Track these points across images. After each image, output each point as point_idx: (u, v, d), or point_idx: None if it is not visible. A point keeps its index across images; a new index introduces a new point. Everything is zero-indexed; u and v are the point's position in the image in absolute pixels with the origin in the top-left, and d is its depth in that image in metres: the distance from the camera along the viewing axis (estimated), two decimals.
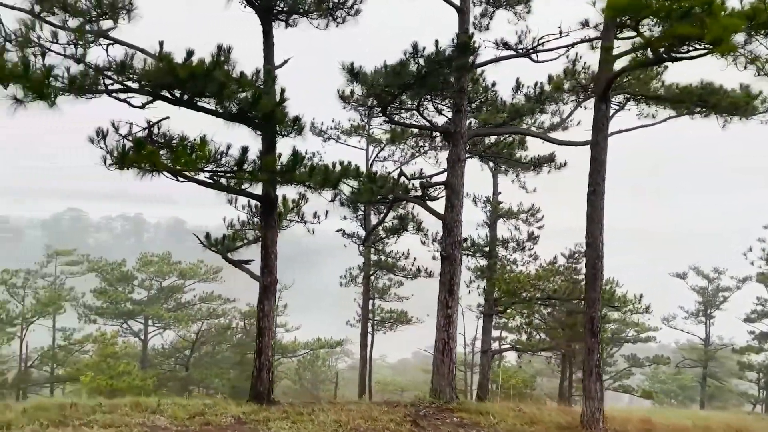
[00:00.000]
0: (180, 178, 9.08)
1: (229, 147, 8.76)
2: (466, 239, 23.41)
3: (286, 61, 10.85)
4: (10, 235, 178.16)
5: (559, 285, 23.10)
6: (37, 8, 8.74)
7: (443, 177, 14.26)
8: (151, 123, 8.65)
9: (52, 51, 8.46)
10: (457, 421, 10.06)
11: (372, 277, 25.78)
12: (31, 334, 35.04)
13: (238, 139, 9.48)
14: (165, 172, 8.29)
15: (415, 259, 25.97)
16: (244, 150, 8.65)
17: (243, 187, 10.43)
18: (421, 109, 12.72)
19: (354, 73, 10.00)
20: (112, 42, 9.45)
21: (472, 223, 24.76)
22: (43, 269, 38.89)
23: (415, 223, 18.53)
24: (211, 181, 10.02)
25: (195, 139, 8.73)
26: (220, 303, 40.43)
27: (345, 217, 24.44)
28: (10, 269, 34.55)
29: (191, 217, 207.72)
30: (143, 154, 7.42)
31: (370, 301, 26.05)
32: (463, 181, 12.36)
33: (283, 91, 8.80)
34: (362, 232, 25.50)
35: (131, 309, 38.47)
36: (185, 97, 8.94)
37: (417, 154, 21.81)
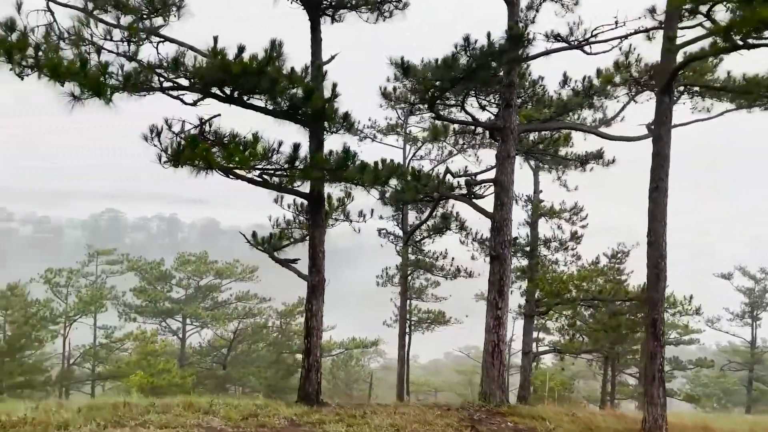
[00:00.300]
0: (231, 176, 8.97)
1: (280, 144, 8.60)
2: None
3: (333, 57, 10.64)
4: (51, 235, 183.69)
5: (603, 285, 22.49)
6: (90, 6, 8.72)
7: (488, 174, 13.93)
8: (203, 120, 8.54)
9: (105, 48, 8.44)
10: (512, 426, 9.72)
11: (408, 277, 25.48)
12: (73, 332, 35.81)
13: (284, 136, 9.36)
14: (217, 170, 8.15)
15: (453, 258, 25.62)
16: (296, 147, 8.48)
17: (292, 185, 10.30)
18: (466, 105, 12.40)
19: (404, 68, 9.74)
20: (162, 39, 9.39)
21: (513, 222, 24.29)
22: (84, 268, 39.68)
23: (459, 221, 18.18)
24: (259, 179, 9.90)
25: (245, 137, 8.61)
26: (256, 302, 40.72)
27: (381, 216, 24.28)
28: (53, 268, 35.34)
29: (224, 218, 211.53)
30: (197, 151, 7.29)
31: (407, 301, 25.74)
32: (513, 179, 12.00)
33: (334, 86, 8.61)
34: (399, 232, 25.27)
35: (170, 308, 39.02)
36: (236, 94, 8.83)
37: (455, 152, 21.45)
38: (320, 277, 10.64)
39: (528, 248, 23.86)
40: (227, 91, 8.96)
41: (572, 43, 11.86)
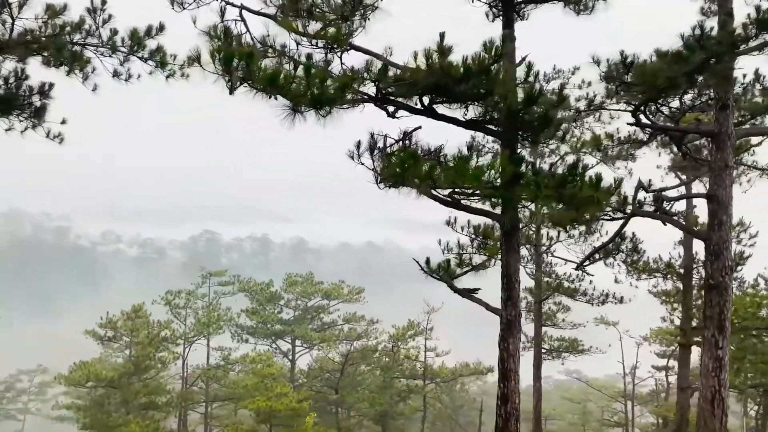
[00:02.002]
0: (433, 198, 7.80)
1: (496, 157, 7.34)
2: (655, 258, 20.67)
3: (524, 59, 9.35)
4: (155, 255, 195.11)
5: None
6: (279, 14, 7.93)
7: (680, 189, 12.05)
8: (407, 133, 7.45)
9: (294, 59, 7.60)
10: None
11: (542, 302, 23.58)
12: (191, 353, 36.47)
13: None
14: (431, 191, 7.00)
15: (591, 281, 23.47)
16: (517, 161, 7.16)
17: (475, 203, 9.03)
18: (662, 109, 10.68)
19: (626, 63, 8.26)
20: (347, 48, 8.50)
21: (662, 240, 21.85)
22: (198, 289, 40.53)
23: (632, 242, 16.28)
24: (449, 199, 8.71)
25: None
26: (365, 324, 39.95)
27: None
28: (173, 290, 36.23)
29: (312, 237, 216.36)
30: (424, 170, 6.16)
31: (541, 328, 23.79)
32: (731, 193, 10.13)
33: (562, 89, 7.26)
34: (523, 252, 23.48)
35: (281, 329, 39.05)
36: (437, 101, 7.72)
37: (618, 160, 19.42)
38: (517, 311, 9.24)
39: (682, 270, 21.35)
40: (425, 100, 7.90)
41: None
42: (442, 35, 6.55)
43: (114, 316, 31.61)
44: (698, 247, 22.40)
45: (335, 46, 7.90)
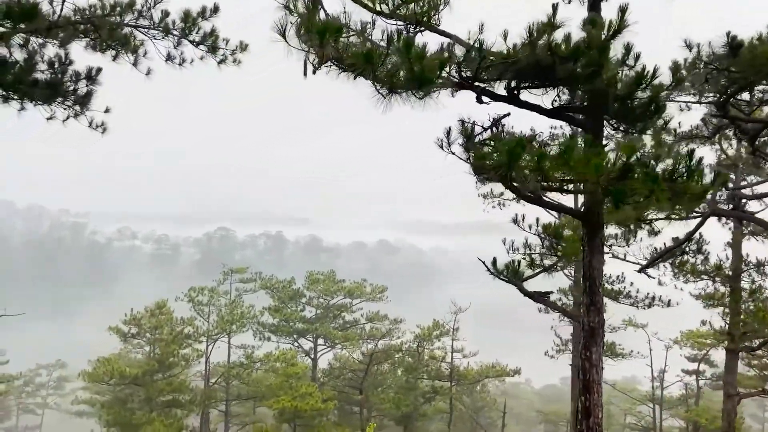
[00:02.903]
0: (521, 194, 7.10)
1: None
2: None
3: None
4: (170, 252, 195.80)
5: None
6: None
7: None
8: (496, 119, 6.76)
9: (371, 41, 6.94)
10: None
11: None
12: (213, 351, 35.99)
13: None
14: (531, 185, 6.30)
15: (632, 283, 22.61)
16: (630, 150, 6.40)
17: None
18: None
19: (733, 45, 7.50)
20: (422, 28, 7.82)
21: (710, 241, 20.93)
22: (220, 286, 40.06)
23: (698, 244, 15.46)
24: (533, 196, 8.01)
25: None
26: (388, 324, 39.33)
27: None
28: (196, 287, 35.81)
29: (326, 236, 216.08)
30: (535, 160, 5.47)
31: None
32: None
33: (677, 67, 6.52)
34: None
35: (303, 327, 38.51)
36: (524, 85, 7.03)
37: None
38: (600, 318, 8.52)
39: (730, 272, 20.43)
40: (508, 85, 7.20)
41: None
42: (554, 6, 5.85)
43: (138, 313, 31.24)
44: (747, 249, 21.55)
45: (416, 25, 7.22)
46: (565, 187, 7.53)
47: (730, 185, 11.65)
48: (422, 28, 7.81)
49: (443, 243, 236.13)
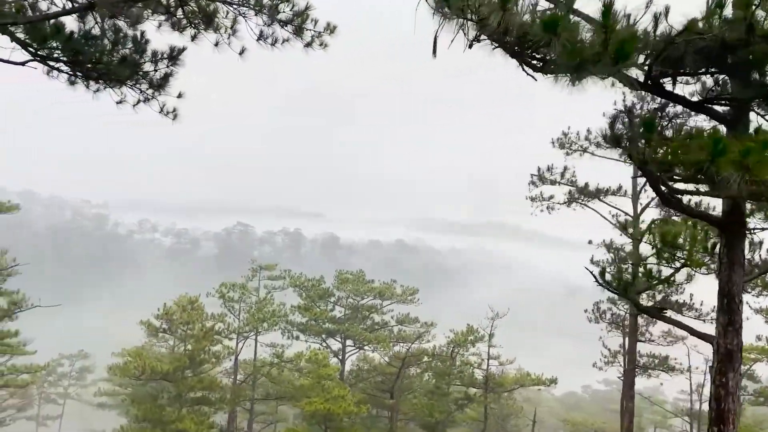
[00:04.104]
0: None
1: None
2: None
3: None
4: (189, 246, 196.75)
5: None
6: None
7: None
8: (660, 108, 5.86)
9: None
10: None
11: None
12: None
13: None
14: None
15: (692, 295, 21.54)
16: None
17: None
18: None
19: None
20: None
21: None
22: (249, 283, 39.48)
23: None
24: (669, 197, 7.10)
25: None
26: (419, 326, 38.46)
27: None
28: (227, 283, 35.26)
29: (343, 234, 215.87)
30: (739, 158, 4.57)
31: (636, 344, 21.88)
32: None
33: None
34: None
35: (333, 328, 37.81)
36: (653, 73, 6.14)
37: None
38: (739, 340, 7.58)
39: None
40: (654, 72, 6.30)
41: None
42: None
43: (170, 308, 30.70)
44: None
45: None
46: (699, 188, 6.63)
47: None
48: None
49: (457, 243, 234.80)
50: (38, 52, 8.51)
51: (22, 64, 8.11)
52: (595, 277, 8.93)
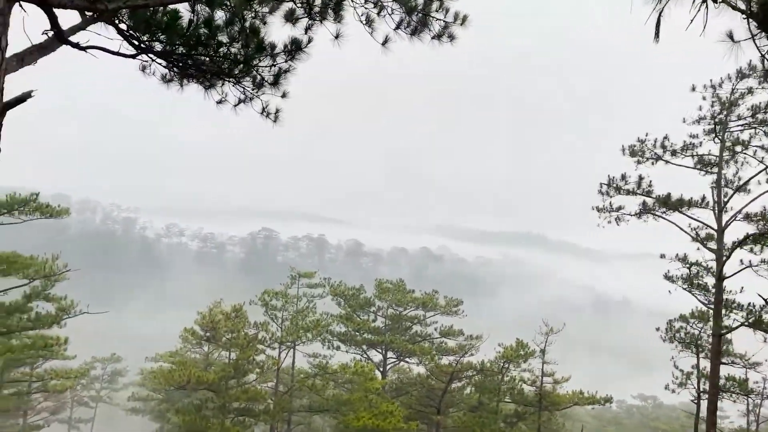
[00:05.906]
0: None
1: None
2: None
3: None
4: (215, 250, 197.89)
5: None
6: None
7: None
8: None
9: None
10: None
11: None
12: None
13: None
14: None
15: None
16: None
17: None
18: None
19: None
20: None
21: None
22: (288, 290, 38.68)
23: None
24: None
25: None
26: (463, 339, 37.21)
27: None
28: (270, 290, 34.51)
29: (367, 240, 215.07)
30: None
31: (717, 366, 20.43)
32: None
33: None
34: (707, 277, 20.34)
35: (375, 338, 36.82)
36: None
37: None
38: None
39: None
40: None
41: None
42: None
43: (216, 315, 30.01)
44: None
45: None
46: None
47: None
48: None
49: (484, 252, 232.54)
50: (141, 45, 7.70)
51: (133, 56, 7.29)
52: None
